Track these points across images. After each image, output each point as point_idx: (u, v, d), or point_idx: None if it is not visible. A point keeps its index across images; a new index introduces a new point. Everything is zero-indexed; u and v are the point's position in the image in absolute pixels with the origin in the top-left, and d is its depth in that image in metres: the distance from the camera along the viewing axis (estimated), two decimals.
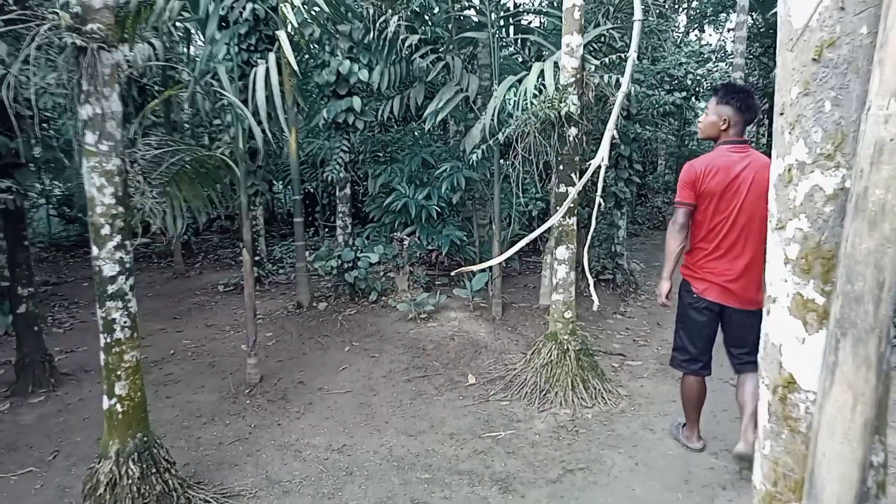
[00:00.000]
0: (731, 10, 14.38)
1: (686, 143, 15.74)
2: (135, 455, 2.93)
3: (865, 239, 0.84)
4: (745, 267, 3.28)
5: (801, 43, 0.95)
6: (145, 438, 3.01)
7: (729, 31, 17.26)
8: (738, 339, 3.45)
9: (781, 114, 1.02)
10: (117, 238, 2.88)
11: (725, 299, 3.35)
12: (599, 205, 1.42)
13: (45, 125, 7.93)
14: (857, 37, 0.90)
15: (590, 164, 1.20)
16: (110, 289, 2.88)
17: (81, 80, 2.78)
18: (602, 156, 1.27)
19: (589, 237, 1.29)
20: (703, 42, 16.40)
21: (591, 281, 1.30)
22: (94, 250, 2.87)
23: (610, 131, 1.26)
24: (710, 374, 3.59)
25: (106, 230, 2.85)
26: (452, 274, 2.77)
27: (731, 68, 9.65)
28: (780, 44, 1.01)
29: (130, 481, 2.88)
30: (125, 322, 2.93)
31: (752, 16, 10.53)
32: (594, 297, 1.32)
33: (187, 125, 10.54)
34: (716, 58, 13.63)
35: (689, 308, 3.50)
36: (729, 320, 3.43)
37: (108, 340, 2.91)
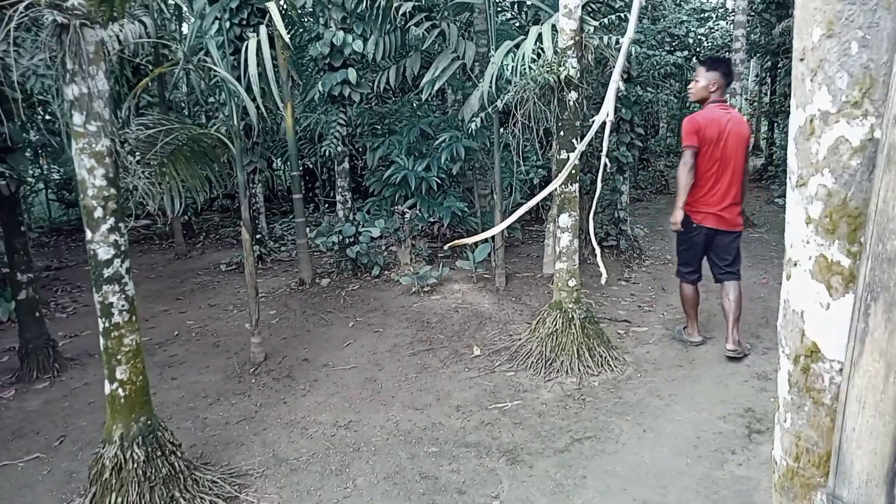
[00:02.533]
0: None
1: (688, 104, 15.55)
2: (139, 439, 2.91)
3: None
4: (732, 200, 4.37)
5: None
6: (149, 421, 2.98)
7: None
8: (723, 254, 4.52)
9: (802, 59, 0.94)
10: (111, 221, 2.81)
11: (718, 224, 4.41)
12: (605, 166, 1.35)
13: (39, 108, 7.83)
14: None
15: (593, 121, 1.13)
16: (106, 272, 2.82)
17: (65, 58, 2.69)
18: (607, 110, 1.19)
19: (594, 201, 1.22)
20: (703, 0, 16.08)
21: (597, 251, 1.23)
22: (88, 234, 2.81)
23: (615, 83, 1.18)
24: (701, 280, 4.70)
25: (98, 213, 2.78)
26: (446, 247, 2.74)
27: (732, 26, 9.45)
28: None
29: (136, 465, 2.86)
30: (123, 305, 2.88)
31: None
32: (602, 268, 1.26)
33: (184, 104, 10.43)
34: (717, 16, 13.37)
35: (690, 235, 4.52)
36: (716, 241, 4.50)
37: (107, 325, 2.87)
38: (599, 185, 1.26)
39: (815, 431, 0.95)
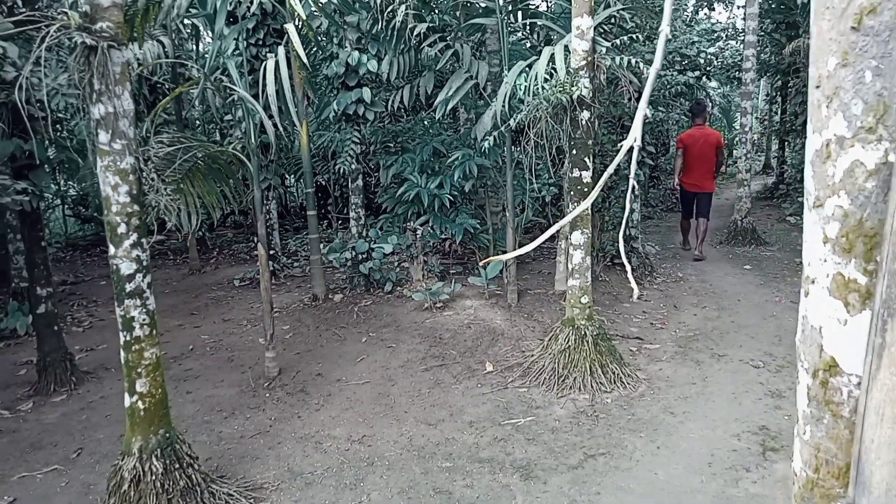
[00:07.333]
0: None
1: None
2: (158, 451, 2.95)
3: None
4: (703, 177, 8.24)
5: (839, 11, 0.91)
6: (167, 434, 3.02)
7: (739, 7, 16.99)
8: (701, 204, 8.31)
9: (818, 87, 0.98)
10: (133, 236, 2.88)
11: (695, 189, 8.29)
12: (633, 188, 1.39)
13: (58, 126, 7.97)
14: None
15: (620, 146, 1.17)
16: (128, 287, 2.88)
17: (93, 79, 2.76)
18: (635, 136, 1.24)
19: (625, 220, 1.26)
20: (713, 20, 16.19)
21: (628, 267, 1.26)
22: (111, 249, 2.87)
23: (642, 110, 1.22)
24: (692, 217, 8.53)
25: (122, 229, 2.85)
26: (480, 265, 2.78)
27: (742, 46, 9.50)
28: (815, 13, 0.97)
29: (154, 477, 2.90)
30: (144, 319, 2.94)
31: None
32: (632, 281, 1.29)
33: (198, 121, 10.58)
34: (727, 36, 13.44)
35: (685, 196, 8.52)
36: (697, 199, 8.32)
37: (128, 338, 2.92)
38: (628, 205, 1.30)
39: (834, 443, 0.97)
